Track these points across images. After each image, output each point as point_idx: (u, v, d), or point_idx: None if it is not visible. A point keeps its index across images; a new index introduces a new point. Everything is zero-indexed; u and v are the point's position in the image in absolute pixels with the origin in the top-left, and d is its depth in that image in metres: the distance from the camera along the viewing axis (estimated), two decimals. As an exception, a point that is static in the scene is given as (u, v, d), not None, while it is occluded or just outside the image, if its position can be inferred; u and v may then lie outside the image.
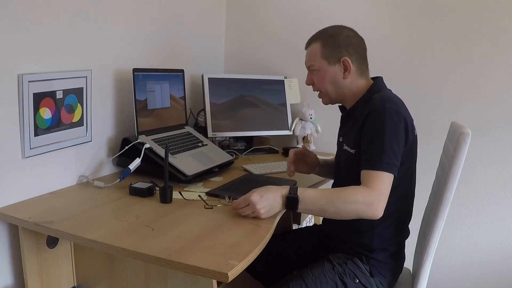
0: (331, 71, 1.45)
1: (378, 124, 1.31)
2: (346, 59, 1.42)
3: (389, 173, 1.28)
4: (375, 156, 1.29)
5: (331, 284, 1.38)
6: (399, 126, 1.31)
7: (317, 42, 1.47)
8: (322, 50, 1.45)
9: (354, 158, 1.38)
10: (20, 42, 1.38)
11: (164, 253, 1.10)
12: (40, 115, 1.46)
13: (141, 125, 1.79)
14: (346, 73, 1.43)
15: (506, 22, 2.00)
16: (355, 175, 1.34)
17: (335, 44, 1.43)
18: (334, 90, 1.47)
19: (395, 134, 1.30)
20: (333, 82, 1.46)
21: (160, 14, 2.03)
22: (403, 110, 1.36)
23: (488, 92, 2.08)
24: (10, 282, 1.43)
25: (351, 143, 1.42)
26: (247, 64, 2.56)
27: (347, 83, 1.45)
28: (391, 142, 1.29)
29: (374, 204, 1.26)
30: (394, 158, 1.29)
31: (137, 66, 1.80)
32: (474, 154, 2.09)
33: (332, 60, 1.44)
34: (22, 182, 1.44)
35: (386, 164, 1.28)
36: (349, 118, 1.48)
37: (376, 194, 1.26)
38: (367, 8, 2.25)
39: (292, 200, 1.29)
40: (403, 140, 1.33)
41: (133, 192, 1.53)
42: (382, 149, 1.28)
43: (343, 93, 1.47)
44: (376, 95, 1.40)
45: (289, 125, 2.37)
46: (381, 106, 1.33)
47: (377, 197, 1.26)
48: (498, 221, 2.15)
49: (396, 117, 1.31)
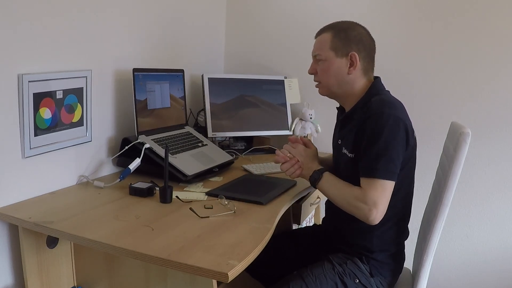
0: (337, 64, 1.43)
1: (376, 130, 1.30)
2: (354, 54, 1.41)
3: (387, 180, 1.29)
4: (371, 164, 1.30)
5: (331, 284, 1.38)
6: (398, 131, 1.31)
7: (328, 32, 1.44)
8: (332, 41, 1.43)
9: (353, 162, 1.39)
10: (20, 42, 1.38)
11: (164, 253, 1.10)
12: (40, 115, 1.46)
13: (141, 125, 1.79)
14: (351, 69, 1.42)
15: (506, 23, 2.00)
16: (353, 178, 1.35)
17: (346, 38, 1.42)
18: (336, 84, 1.45)
19: (393, 140, 1.30)
20: (336, 75, 1.44)
21: (160, 14, 2.03)
22: (402, 114, 1.35)
23: (488, 92, 2.08)
24: (10, 282, 1.43)
25: (349, 147, 1.41)
26: (247, 64, 2.56)
27: (350, 79, 1.43)
28: (388, 148, 1.29)
29: (367, 212, 1.28)
30: (392, 165, 1.29)
31: (137, 66, 1.80)
32: (474, 154, 2.09)
33: (340, 53, 1.42)
34: (22, 182, 1.44)
35: (382, 171, 1.28)
36: (348, 121, 1.47)
37: (370, 202, 1.28)
38: (367, 8, 2.25)
39: (315, 175, 1.44)
40: (403, 145, 1.33)
41: (133, 192, 1.53)
42: (379, 156, 1.29)
43: (343, 88, 1.45)
44: (375, 98, 1.39)
45: (289, 125, 2.37)
46: (379, 111, 1.32)
47: (371, 205, 1.28)
48: (498, 221, 2.15)
49: (394, 123, 1.30)
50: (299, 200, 1.78)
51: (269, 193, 1.56)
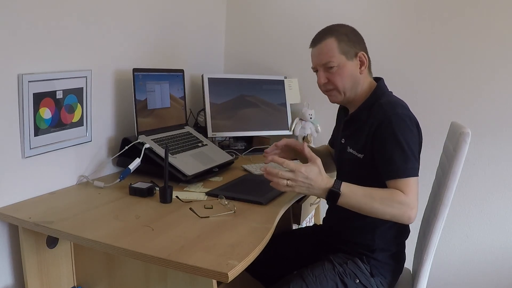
0: (350, 66, 1.42)
1: (397, 133, 1.31)
2: (362, 53, 1.42)
3: (416, 177, 1.31)
4: (402, 165, 1.30)
5: (332, 284, 1.38)
6: (414, 129, 1.35)
7: (330, 38, 1.42)
8: (339, 45, 1.41)
9: (362, 162, 1.39)
10: (20, 42, 1.38)
11: (164, 253, 1.10)
12: (40, 115, 1.46)
13: (141, 125, 1.79)
14: (363, 68, 1.43)
15: (507, 23, 2.00)
16: (359, 178, 1.34)
17: (350, 39, 1.42)
18: (351, 87, 1.43)
19: (412, 139, 1.33)
20: (351, 78, 1.43)
21: (160, 14, 2.03)
22: (412, 113, 1.38)
23: (488, 92, 2.08)
24: (10, 282, 1.43)
25: (358, 147, 1.41)
26: (247, 64, 2.56)
27: (361, 79, 1.44)
28: (411, 147, 1.32)
29: (409, 209, 1.27)
30: (416, 162, 1.34)
31: (137, 66, 1.80)
32: (474, 154, 2.09)
33: (350, 55, 1.42)
34: (22, 182, 1.44)
35: (412, 169, 1.31)
36: (354, 121, 1.47)
37: (411, 200, 1.28)
38: (367, 8, 2.25)
39: (334, 194, 1.29)
40: (418, 143, 1.37)
41: (133, 192, 1.53)
42: (407, 157, 1.30)
43: (356, 90, 1.44)
44: (382, 100, 1.40)
45: (289, 125, 2.37)
46: (393, 113, 1.34)
47: (412, 203, 1.28)
48: (498, 221, 2.15)
49: (410, 122, 1.34)
50: (299, 200, 1.78)
51: (269, 193, 1.56)
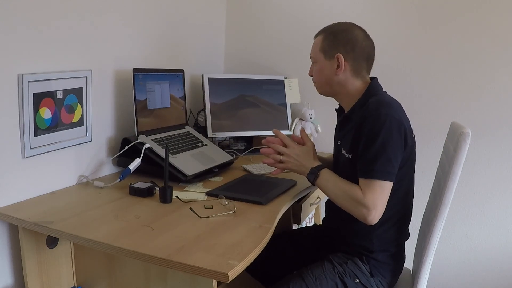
0: (326, 65, 1.46)
1: (372, 131, 1.30)
2: (339, 56, 1.42)
3: (384, 181, 1.29)
4: (368, 165, 1.30)
5: (331, 284, 1.38)
6: (395, 132, 1.30)
7: (321, 35, 1.48)
8: (322, 44, 1.46)
9: (350, 162, 1.39)
10: (20, 42, 1.38)
11: (164, 253, 1.10)
12: (40, 115, 1.46)
13: (141, 125, 1.79)
14: (338, 70, 1.43)
15: (507, 23, 2.00)
16: (352, 179, 1.36)
17: (335, 40, 1.44)
18: (326, 84, 1.48)
19: (389, 141, 1.30)
20: (326, 77, 1.47)
21: (160, 14, 2.03)
22: (399, 114, 1.34)
23: (488, 92, 2.08)
24: (10, 282, 1.43)
25: (347, 147, 1.42)
26: (247, 64, 2.56)
27: (340, 80, 1.44)
28: (385, 149, 1.29)
29: (365, 209, 1.29)
30: (389, 165, 1.29)
31: (137, 66, 1.80)
32: (474, 154, 2.09)
33: (328, 55, 1.45)
34: (22, 182, 1.44)
35: (380, 172, 1.28)
36: (347, 122, 1.47)
37: (368, 201, 1.28)
38: (368, 8, 2.25)
39: (313, 172, 1.42)
40: (401, 145, 1.33)
41: (133, 192, 1.53)
42: (376, 157, 1.29)
43: (335, 88, 1.47)
44: (372, 99, 1.39)
45: (289, 125, 2.37)
46: (376, 112, 1.32)
47: (369, 204, 1.28)
48: (498, 221, 2.15)
49: (391, 123, 1.30)
50: (299, 200, 1.78)
51: (269, 193, 1.56)
